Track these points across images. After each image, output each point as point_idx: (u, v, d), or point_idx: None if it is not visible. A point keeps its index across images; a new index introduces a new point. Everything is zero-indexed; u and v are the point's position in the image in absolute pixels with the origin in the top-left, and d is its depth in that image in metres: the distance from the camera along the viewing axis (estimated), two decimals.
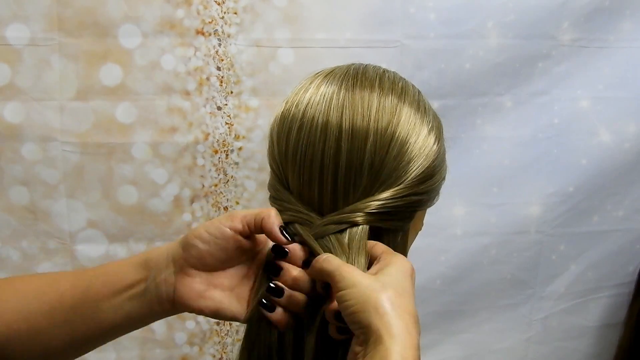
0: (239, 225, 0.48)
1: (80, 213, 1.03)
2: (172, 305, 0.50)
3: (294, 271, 0.48)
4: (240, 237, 0.48)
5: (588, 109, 1.12)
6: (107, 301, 0.50)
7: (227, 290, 0.50)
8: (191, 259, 0.48)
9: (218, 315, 0.50)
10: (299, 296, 0.48)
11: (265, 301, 0.48)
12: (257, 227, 0.48)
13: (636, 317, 1.15)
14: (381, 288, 0.42)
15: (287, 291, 0.48)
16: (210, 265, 0.49)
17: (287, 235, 0.48)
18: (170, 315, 0.52)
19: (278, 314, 0.48)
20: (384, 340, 0.40)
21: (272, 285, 0.48)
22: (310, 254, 0.48)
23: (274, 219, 0.48)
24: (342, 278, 0.44)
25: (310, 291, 0.48)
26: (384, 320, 0.40)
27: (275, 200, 0.52)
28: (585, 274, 1.20)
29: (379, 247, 0.48)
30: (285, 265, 0.48)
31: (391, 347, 0.39)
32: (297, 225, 0.49)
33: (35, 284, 0.54)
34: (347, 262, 0.47)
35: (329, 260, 0.46)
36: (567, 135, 1.12)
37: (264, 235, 0.49)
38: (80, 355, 0.54)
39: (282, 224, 0.49)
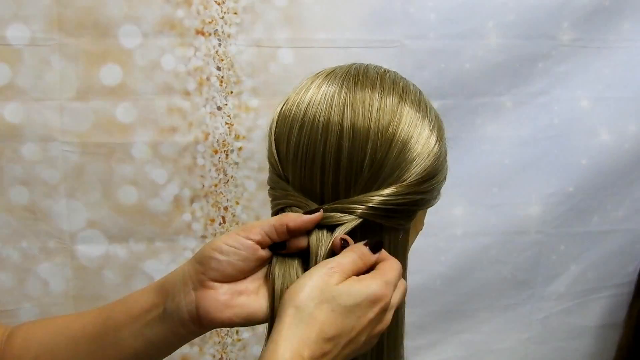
0: (257, 237, 0.48)
1: (80, 213, 1.03)
2: (197, 324, 0.48)
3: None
4: (258, 247, 0.48)
5: (588, 109, 1.12)
6: (126, 329, 0.50)
7: (253, 294, 0.48)
8: (211, 272, 0.47)
9: (251, 319, 0.48)
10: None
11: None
12: (281, 234, 0.48)
13: (636, 317, 1.15)
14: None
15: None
16: (232, 275, 0.48)
17: (312, 211, 0.48)
18: (197, 336, 0.50)
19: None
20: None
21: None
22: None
23: (295, 214, 0.48)
24: None
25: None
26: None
27: (274, 190, 0.52)
28: (585, 274, 1.20)
29: (385, 260, 0.48)
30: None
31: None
32: (295, 209, 0.49)
33: (62, 319, 0.55)
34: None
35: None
36: (567, 135, 1.12)
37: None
38: None
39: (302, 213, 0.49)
